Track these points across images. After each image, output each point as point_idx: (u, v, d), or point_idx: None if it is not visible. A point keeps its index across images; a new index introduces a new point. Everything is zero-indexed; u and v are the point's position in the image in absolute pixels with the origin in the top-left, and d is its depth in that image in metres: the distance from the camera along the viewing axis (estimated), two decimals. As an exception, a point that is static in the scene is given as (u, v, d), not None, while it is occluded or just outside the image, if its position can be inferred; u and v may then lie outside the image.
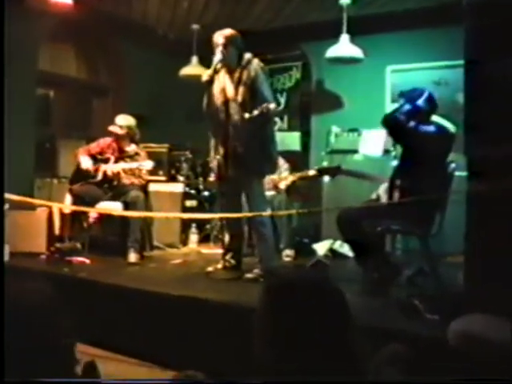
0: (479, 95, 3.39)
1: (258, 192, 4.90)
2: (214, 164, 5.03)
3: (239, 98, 4.73)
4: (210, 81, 4.83)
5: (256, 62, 4.85)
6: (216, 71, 4.83)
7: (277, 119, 7.49)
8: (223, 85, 4.85)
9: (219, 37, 4.79)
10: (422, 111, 4.42)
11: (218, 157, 4.94)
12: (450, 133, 4.47)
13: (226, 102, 4.81)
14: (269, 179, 5.15)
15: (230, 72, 4.84)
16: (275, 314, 1.60)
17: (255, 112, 4.54)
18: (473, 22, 3.43)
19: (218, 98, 4.86)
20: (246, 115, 4.58)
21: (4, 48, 5.37)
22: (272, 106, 4.64)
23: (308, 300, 1.58)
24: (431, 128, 4.37)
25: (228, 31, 4.84)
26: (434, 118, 4.57)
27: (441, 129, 4.45)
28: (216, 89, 4.88)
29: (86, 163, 5.88)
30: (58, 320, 1.44)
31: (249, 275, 4.86)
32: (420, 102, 4.44)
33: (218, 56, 4.75)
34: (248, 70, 4.76)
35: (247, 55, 4.84)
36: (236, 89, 4.75)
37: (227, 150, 4.84)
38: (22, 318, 1.39)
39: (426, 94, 4.50)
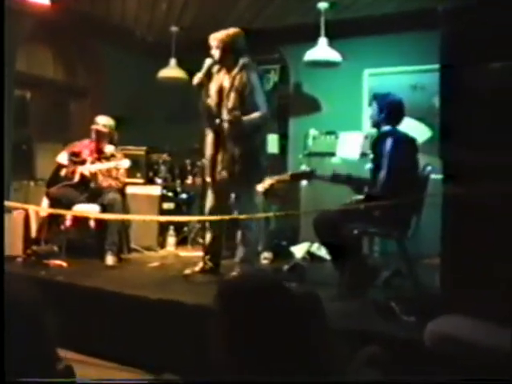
0: (454, 99, 3.42)
1: (245, 197, 4.90)
2: (204, 164, 5.08)
3: (230, 103, 4.74)
4: (201, 84, 4.80)
5: (253, 66, 4.89)
6: (211, 73, 4.84)
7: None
8: (220, 87, 4.85)
9: (213, 39, 4.80)
10: (392, 116, 4.50)
11: (207, 159, 4.96)
12: (413, 142, 4.55)
13: (220, 104, 4.82)
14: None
15: (227, 74, 4.84)
16: (228, 319, 1.59)
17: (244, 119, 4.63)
18: (448, 27, 3.47)
19: (213, 100, 4.86)
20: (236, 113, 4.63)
21: (4, 49, 5.32)
22: (260, 114, 4.71)
23: (262, 304, 1.58)
24: (396, 137, 4.42)
25: (224, 33, 4.82)
26: (409, 121, 4.64)
27: (406, 139, 4.53)
28: (213, 89, 4.87)
29: (61, 157, 5.91)
30: (37, 323, 1.43)
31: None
32: (391, 106, 4.52)
33: (208, 60, 4.78)
34: (241, 75, 4.75)
35: (243, 59, 4.81)
36: (228, 93, 4.76)
37: (216, 153, 4.85)
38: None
39: (396, 100, 4.58)
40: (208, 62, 4.79)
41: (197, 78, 4.80)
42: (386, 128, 4.50)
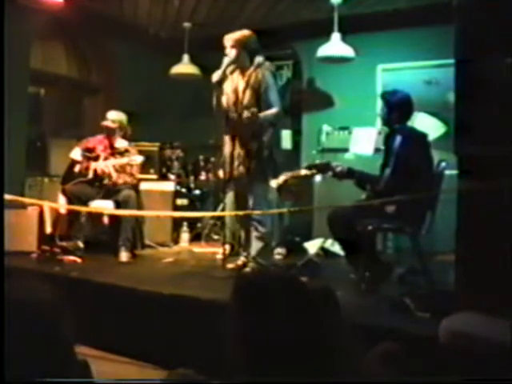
0: (470, 94, 3.40)
1: (259, 193, 4.99)
2: (222, 162, 5.16)
3: (245, 101, 4.87)
4: (220, 81, 4.89)
5: (267, 64, 5.02)
6: (228, 71, 4.92)
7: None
8: (236, 85, 4.97)
9: (228, 39, 4.90)
10: (401, 114, 4.48)
11: (225, 155, 5.06)
12: (424, 137, 4.53)
13: (236, 102, 4.94)
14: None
15: (243, 73, 4.95)
16: (245, 314, 1.59)
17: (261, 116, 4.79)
18: (463, 21, 3.44)
19: (229, 98, 4.97)
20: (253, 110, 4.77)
21: (4, 48, 5.35)
22: (274, 111, 4.87)
23: (278, 300, 1.57)
24: (405, 134, 4.40)
25: (239, 34, 4.93)
26: (423, 116, 4.62)
27: (415, 135, 4.51)
28: (228, 88, 4.99)
29: (75, 154, 5.93)
30: (54, 319, 1.43)
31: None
32: (399, 104, 4.50)
33: (226, 58, 4.87)
34: (256, 74, 4.90)
35: (258, 58, 4.96)
36: (244, 91, 4.88)
37: (235, 150, 4.94)
38: (17, 317, 1.38)
39: (404, 97, 4.56)
40: (226, 60, 4.86)
41: (216, 76, 4.87)
42: (396, 126, 4.48)
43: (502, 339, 2.39)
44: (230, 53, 4.88)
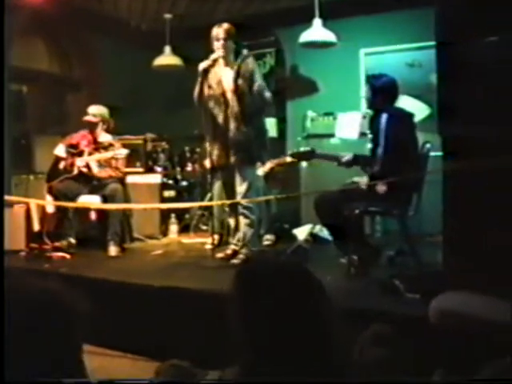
0: (451, 76, 3.41)
1: (247, 181, 5.01)
2: (208, 153, 5.16)
3: (239, 90, 4.92)
4: (205, 71, 4.95)
5: (251, 56, 5.13)
6: (212, 63, 4.94)
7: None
8: (219, 77, 5.01)
9: (219, 30, 4.93)
10: (387, 97, 4.50)
11: (212, 145, 5.09)
12: (410, 117, 4.55)
13: (224, 93, 4.99)
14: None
15: (227, 64, 5.00)
16: (248, 301, 1.60)
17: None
18: (443, 3, 3.45)
19: (214, 89, 5.01)
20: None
21: (4, 48, 5.31)
22: (267, 95, 5.00)
23: (281, 286, 1.59)
24: (391, 113, 4.41)
25: (227, 25, 4.97)
26: (406, 99, 4.64)
27: (402, 114, 4.53)
28: (212, 80, 5.02)
29: (59, 150, 5.91)
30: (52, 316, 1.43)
31: (235, 260, 4.97)
32: (384, 87, 4.51)
33: (219, 50, 4.91)
34: (246, 64, 4.98)
35: (244, 51, 5.11)
36: (235, 81, 4.92)
37: (224, 139, 5.00)
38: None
39: (390, 80, 4.57)
40: (217, 53, 4.92)
41: (204, 65, 4.93)
42: (381, 109, 4.49)
43: (491, 317, 2.41)
44: (219, 44, 4.91)
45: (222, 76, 4.99)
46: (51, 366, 1.35)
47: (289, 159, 5.02)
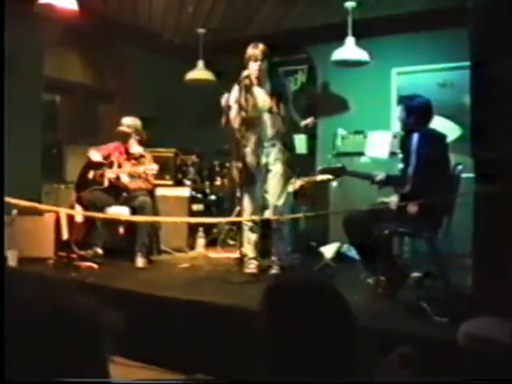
0: (485, 97, 3.38)
1: (279, 198, 5.07)
2: (236, 168, 5.18)
3: (278, 112, 5.00)
4: (246, 88, 4.95)
5: (286, 78, 5.18)
6: (243, 84, 4.96)
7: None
8: (255, 98, 5.02)
9: (256, 51, 4.95)
10: (421, 118, 4.46)
11: (242, 162, 5.10)
12: (442, 137, 4.50)
13: (258, 113, 5.04)
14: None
15: (261, 85, 5.03)
16: (276, 318, 1.60)
17: (306, 121, 5.17)
18: (478, 24, 3.43)
19: (249, 111, 4.99)
20: (303, 123, 5.16)
21: (4, 49, 5.39)
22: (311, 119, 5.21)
23: (311, 304, 1.59)
24: (424, 134, 4.37)
25: (263, 46, 4.99)
26: (438, 119, 4.60)
27: (433, 134, 4.49)
28: (245, 98, 4.99)
29: (95, 156, 5.98)
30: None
31: (273, 271, 5.07)
32: (418, 108, 4.47)
33: (254, 71, 4.95)
34: (282, 84, 5.15)
35: (278, 72, 5.27)
36: (276, 103, 5.00)
37: (256, 157, 5.07)
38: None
39: (424, 101, 4.53)
40: (255, 72, 4.96)
41: (247, 80, 4.92)
42: (415, 130, 4.46)
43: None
44: (255, 65, 4.94)
45: (257, 96, 5.01)
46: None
47: (319, 177, 5.01)
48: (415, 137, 4.30)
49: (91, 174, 5.90)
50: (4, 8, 4.72)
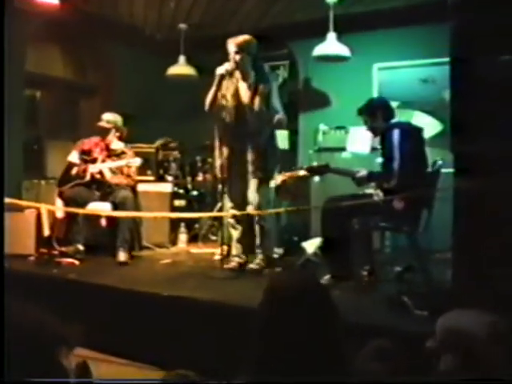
0: (465, 92, 3.40)
1: (263, 191, 5.05)
2: (218, 164, 5.15)
3: (256, 107, 4.92)
4: (221, 79, 4.93)
5: (271, 73, 5.28)
6: (229, 72, 4.94)
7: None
8: (236, 88, 5.00)
9: (232, 44, 4.93)
10: (385, 116, 4.51)
11: (223, 157, 5.09)
12: (420, 131, 4.55)
13: (239, 106, 4.99)
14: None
15: (244, 78, 4.98)
16: (277, 314, 1.61)
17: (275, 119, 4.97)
18: (458, 19, 3.45)
19: (228, 101, 5.01)
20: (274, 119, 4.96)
21: (4, 49, 5.35)
22: (282, 117, 5.01)
23: (299, 299, 1.60)
24: (402, 127, 4.42)
25: (241, 38, 4.97)
26: (419, 115, 4.64)
27: (412, 128, 4.54)
28: (227, 90, 5.01)
29: (73, 157, 5.94)
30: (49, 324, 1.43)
31: (252, 265, 5.06)
32: (377, 107, 4.53)
33: (230, 63, 4.91)
34: (264, 81, 4.98)
35: (265, 66, 5.18)
36: (252, 97, 4.92)
37: (236, 152, 5.05)
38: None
39: (379, 100, 4.61)
40: (229, 66, 4.91)
41: (222, 70, 4.91)
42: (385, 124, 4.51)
43: (497, 336, 2.39)
44: (234, 57, 4.91)
45: (239, 89, 4.98)
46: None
47: (302, 173, 5.02)
48: (396, 132, 4.33)
49: (74, 171, 5.87)
50: (4, 8, 4.67)
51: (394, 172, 4.27)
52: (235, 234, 5.23)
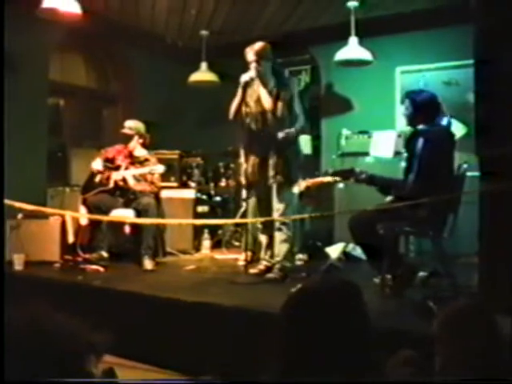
0: (490, 95, 3.38)
1: (283, 198, 5.03)
2: (243, 170, 5.18)
3: (278, 113, 4.95)
4: (245, 86, 4.96)
5: (293, 79, 5.11)
6: (251, 80, 4.96)
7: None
8: (258, 95, 5.01)
9: (250, 52, 4.95)
10: (427, 114, 4.42)
11: (248, 164, 5.11)
12: (449, 137, 4.48)
13: (263, 112, 5.00)
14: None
15: (264, 83, 4.98)
16: (303, 321, 1.61)
17: (282, 134, 4.92)
18: (482, 22, 3.43)
19: (251, 107, 5.03)
20: (280, 135, 4.92)
21: (4, 50, 5.41)
22: (303, 124, 5.04)
23: (336, 308, 1.60)
24: (431, 130, 4.35)
25: (258, 45, 4.99)
26: (443, 118, 4.56)
27: (440, 135, 4.45)
28: (250, 97, 5.04)
29: (96, 164, 5.98)
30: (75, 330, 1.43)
31: (270, 275, 5.02)
32: (425, 103, 4.43)
33: (251, 72, 4.91)
34: (286, 87, 5.01)
35: (286, 72, 5.00)
36: (275, 103, 4.94)
37: (261, 157, 5.05)
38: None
39: (431, 96, 4.50)
40: (251, 74, 4.92)
41: (247, 77, 4.93)
42: (421, 126, 4.42)
43: None
44: (254, 66, 4.92)
45: (261, 95, 4.98)
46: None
47: (326, 179, 4.99)
48: (420, 141, 4.24)
49: (97, 178, 5.91)
50: (4, 9, 4.73)
51: (409, 183, 4.21)
52: (263, 239, 5.25)
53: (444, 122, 5.01)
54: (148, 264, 5.58)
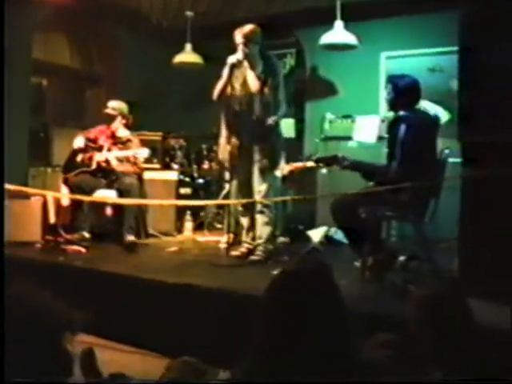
0: (473, 82, 3.39)
1: (270, 180, 5.04)
2: (223, 152, 5.18)
3: (264, 98, 4.95)
4: (231, 68, 4.95)
5: (278, 62, 5.24)
6: (238, 62, 4.96)
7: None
8: (244, 78, 4.99)
9: (239, 35, 4.93)
10: (408, 98, 4.42)
11: (230, 146, 5.10)
12: (432, 122, 4.49)
13: (249, 95, 4.99)
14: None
15: (252, 67, 4.96)
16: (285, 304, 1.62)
17: (271, 120, 4.95)
18: (467, 8, 3.43)
19: (237, 90, 5.03)
20: (269, 121, 4.96)
21: (4, 41, 5.35)
22: (279, 115, 5.05)
23: (307, 288, 1.61)
24: (413, 116, 4.36)
25: (248, 28, 4.97)
26: (426, 104, 4.56)
27: (422, 120, 4.45)
28: (236, 80, 5.03)
29: (78, 142, 5.95)
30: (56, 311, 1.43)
31: (253, 257, 5.01)
32: (407, 88, 4.43)
33: (239, 54, 4.91)
34: (273, 73, 5.01)
35: (273, 56, 5.20)
36: (261, 88, 4.92)
37: (243, 140, 5.04)
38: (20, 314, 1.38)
39: (413, 81, 4.50)
40: (238, 56, 4.91)
41: (234, 59, 4.93)
42: (402, 111, 4.42)
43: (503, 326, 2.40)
44: (242, 48, 4.91)
45: (248, 78, 4.96)
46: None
47: (309, 164, 4.99)
48: (403, 127, 4.24)
49: (79, 157, 5.88)
50: (4, 9, 4.66)
51: (391, 170, 4.22)
52: (245, 221, 5.25)
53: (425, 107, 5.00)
54: (129, 236, 5.60)
